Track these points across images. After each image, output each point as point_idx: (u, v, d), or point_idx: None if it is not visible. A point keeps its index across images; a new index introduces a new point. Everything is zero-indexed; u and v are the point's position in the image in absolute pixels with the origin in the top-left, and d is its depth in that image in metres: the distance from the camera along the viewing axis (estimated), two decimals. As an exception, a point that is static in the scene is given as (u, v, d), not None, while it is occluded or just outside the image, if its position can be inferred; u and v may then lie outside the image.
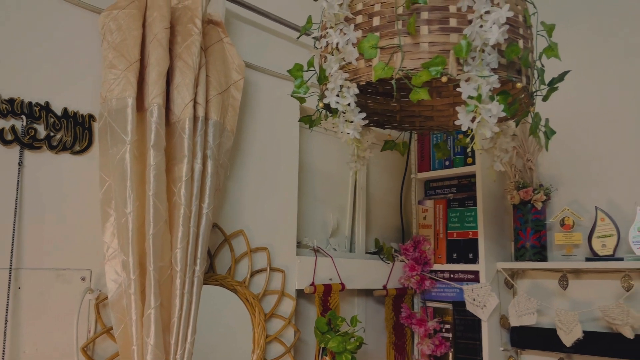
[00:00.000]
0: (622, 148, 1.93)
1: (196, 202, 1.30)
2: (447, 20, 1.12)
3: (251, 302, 1.55)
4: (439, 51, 1.10)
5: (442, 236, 2.18)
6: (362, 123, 1.20)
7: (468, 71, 1.09)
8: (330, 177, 2.08)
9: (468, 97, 1.08)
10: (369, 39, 1.14)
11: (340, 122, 1.22)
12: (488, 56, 1.12)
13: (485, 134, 1.10)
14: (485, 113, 1.08)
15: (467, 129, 1.11)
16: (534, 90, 1.24)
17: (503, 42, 1.11)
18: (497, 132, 1.40)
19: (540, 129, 1.27)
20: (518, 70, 1.18)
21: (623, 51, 1.98)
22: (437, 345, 2.03)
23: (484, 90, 1.07)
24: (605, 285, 1.89)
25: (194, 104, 1.33)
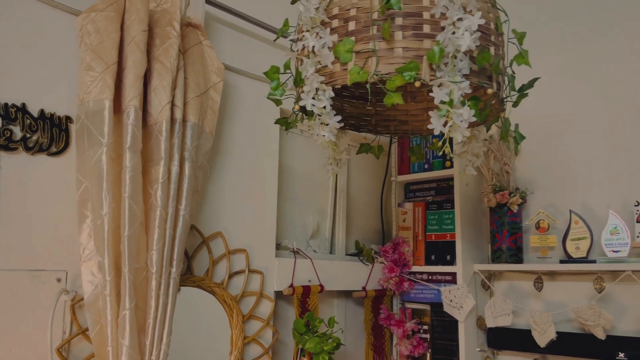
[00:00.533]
0: (595, 153, 1.98)
1: (173, 204, 1.31)
2: (421, 27, 1.14)
3: (229, 304, 1.56)
4: (413, 56, 1.12)
5: (420, 238, 2.20)
6: (337, 126, 1.22)
7: (440, 77, 1.12)
8: (310, 179, 2.10)
9: (440, 102, 1.11)
10: (345, 43, 1.16)
11: (316, 124, 1.24)
12: (460, 62, 1.14)
13: (457, 138, 1.13)
14: (456, 118, 1.11)
15: (440, 133, 1.14)
16: (504, 96, 1.27)
17: (475, 48, 1.13)
18: (469, 137, 1.43)
19: (511, 134, 1.30)
20: (489, 76, 1.21)
21: (593, 58, 2.03)
22: (415, 346, 2.06)
23: (455, 95, 1.10)
24: (579, 287, 1.92)
25: (172, 106, 1.34)
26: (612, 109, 1.96)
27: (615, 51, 1.98)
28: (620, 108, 1.94)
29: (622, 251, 1.78)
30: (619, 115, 1.94)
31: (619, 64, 1.97)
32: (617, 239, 1.79)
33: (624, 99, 1.94)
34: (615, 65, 1.98)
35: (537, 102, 2.14)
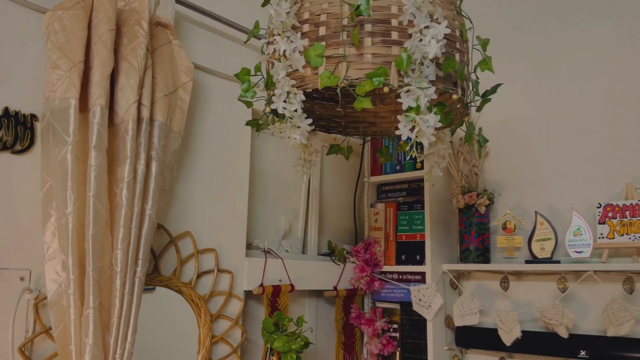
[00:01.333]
0: (561, 156, 2.03)
1: (138, 203, 1.31)
2: (389, 34, 1.17)
3: (197, 303, 1.57)
4: (382, 62, 1.15)
5: (391, 238, 2.23)
6: (309, 129, 1.24)
7: (408, 83, 1.14)
8: (283, 180, 2.11)
9: (408, 108, 1.13)
10: (315, 48, 1.17)
11: (287, 127, 1.26)
12: (427, 69, 1.17)
13: (424, 142, 1.16)
14: (423, 124, 1.13)
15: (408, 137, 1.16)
16: (468, 101, 1.30)
17: (441, 55, 1.16)
18: (435, 140, 1.46)
19: (475, 138, 1.32)
20: (454, 82, 1.24)
21: (558, 64, 2.08)
22: (384, 344, 2.08)
23: (422, 101, 1.12)
24: (544, 286, 1.97)
25: (139, 105, 1.34)
26: (576, 114, 2.02)
27: (578, 57, 2.04)
28: (584, 112, 2.00)
29: (584, 252, 1.83)
30: (583, 119, 2.00)
31: (583, 70, 2.02)
32: (580, 240, 1.84)
33: (587, 103, 1.99)
34: (579, 71, 2.03)
35: (505, 107, 2.19)
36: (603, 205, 1.82)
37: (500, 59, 2.23)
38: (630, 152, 1.88)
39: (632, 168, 1.86)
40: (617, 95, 1.93)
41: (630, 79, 1.91)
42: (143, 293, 1.53)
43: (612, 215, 1.79)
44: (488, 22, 2.27)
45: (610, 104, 1.94)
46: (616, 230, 1.77)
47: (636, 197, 1.78)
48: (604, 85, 1.97)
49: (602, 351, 1.76)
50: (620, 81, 1.93)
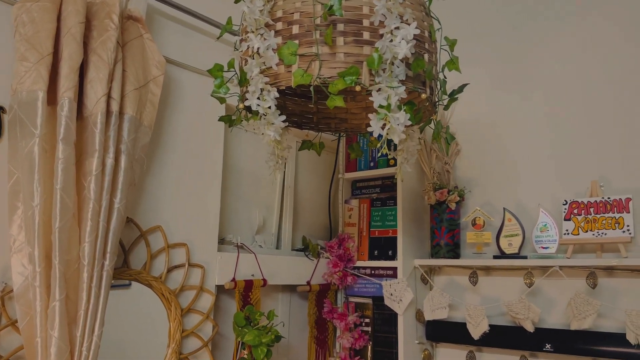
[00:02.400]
0: (529, 154, 2.07)
1: (107, 197, 1.31)
2: (361, 34, 1.19)
3: (167, 297, 1.57)
4: (354, 62, 1.17)
5: (365, 234, 2.26)
6: (282, 125, 1.25)
7: (379, 82, 1.17)
8: (257, 176, 2.12)
9: (379, 106, 1.16)
10: (289, 46, 1.19)
11: (261, 124, 1.27)
12: (397, 68, 1.20)
13: (394, 139, 1.18)
14: (394, 121, 1.16)
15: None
16: (436, 100, 1.33)
17: (410, 56, 1.19)
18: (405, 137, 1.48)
19: (442, 135, 1.35)
20: (423, 82, 1.27)
21: (525, 66, 2.12)
22: (356, 338, 2.11)
23: (392, 100, 1.15)
24: (511, 281, 2.01)
25: (108, 99, 1.34)
26: (545, 114, 2.06)
27: (546, 59, 2.08)
28: (552, 113, 2.04)
29: (550, 247, 1.87)
30: (551, 119, 2.04)
31: (551, 71, 2.07)
32: (547, 236, 1.89)
33: (556, 104, 2.04)
34: (547, 72, 2.07)
35: (476, 107, 2.23)
36: (569, 202, 1.86)
37: (471, 60, 2.27)
38: (595, 151, 1.93)
39: (597, 166, 1.91)
40: (584, 96, 1.98)
41: (597, 80, 1.96)
42: (118, 288, 1.54)
43: (577, 212, 1.84)
44: (457, 24, 2.32)
45: (577, 105, 1.99)
46: (581, 226, 1.82)
47: (600, 195, 1.83)
48: (571, 86, 2.01)
49: (566, 344, 1.80)
50: (587, 82, 1.98)
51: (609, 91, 1.93)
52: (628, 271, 1.80)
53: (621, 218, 1.75)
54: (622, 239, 1.74)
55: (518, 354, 1.95)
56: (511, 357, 1.98)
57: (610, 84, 1.93)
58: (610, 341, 1.74)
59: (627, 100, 1.89)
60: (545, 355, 1.91)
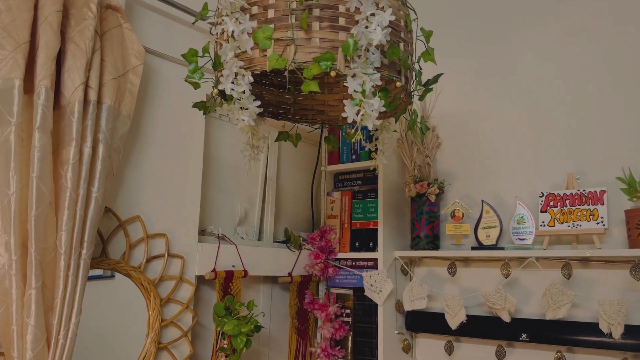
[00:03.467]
0: (507, 147, 2.10)
1: (84, 186, 1.31)
2: (337, 19, 1.20)
3: (146, 287, 1.58)
4: (329, 47, 1.18)
5: (346, 226, 2.27)
6: (257, 111, 1.26)
7: (354, 68, 1.18)
8: (239, 168, 2.12)
9: (354, 91, 1.17)
10: (264, 30, 1.19)
11: (235, 109, 1.27)
12: (372, 55, 1.21)
13: (369, 126, 1.19)
14: (368, 107, 1.17)
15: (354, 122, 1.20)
16: (411, 90, 1.34)
17: (385, 43, 1.20)
18: (381, 128, 1.50)
19: (417, 125, 1.37)
20: (398, 70, 1.28)
21: (505, 60, 2.15)
22: (337, 329, 2.13)
23: (367, 86, 1.16)
24: (489, 272, 2.05)
25: (85, 88, 1.34)
26: (523, 108, 2.09)
27: (526, 55, 2.11)
28: (531, 107, 2.07)
29: (527, 239, 1.91)
30: (529, 113, 2.07)
31: (530, 67, 2.09)
32: (523, 227, 1.92)
33: (534, 99, 2.07)
34: (526, 68, 2.10)
35: (457, 101, 2.26)
36: (545, 194, 1.89)
37: (452, 54, 2.29)
38: (571, 144, 1.96)
39: (574, 160, 1.95)
40: (562, 91, 2.01)
41: (575, 74, 1.99)
42: (102, 280, 1.55)
43: (553, 204, 1.87)
44: (437, 17, 2.34)
45: (555, 99, 2.02)
46: (557, 218, 1.85)
47: (576, 187, 1.86)
48: (549, 81, 2.04)
49: (541, 334, 1.84)
50: (565, 76, 2.01)
51: (587, 86, 1.96)
52: (602, 262, 1.83)
53: (596, 210, 1.79)
54: (597, 230, 1.77)
55: (495, 344, 1.98)
56: (488, 347, 2.01)
57: (587, 78, 1.96)
58: (584, 330, 1.77)
59: (603, 95, 1.92)
60: (521, 344, 1.95)
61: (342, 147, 2.36)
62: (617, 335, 1.64)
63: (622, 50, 1.91)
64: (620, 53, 1.91)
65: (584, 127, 1.95)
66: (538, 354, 1.91)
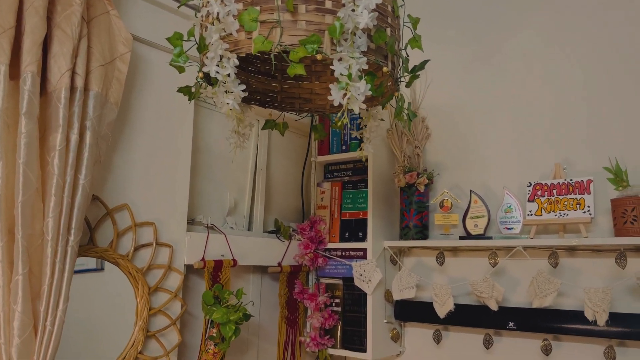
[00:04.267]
0: (496, 138, 2.12)
1: (71, 173, 1.31)
2: (323, 2, 1.19)
3: (134, 275, 1.58)
4: (315, 30, 1.17)
5: (336, 216, 2.28)
6: (241, 95, 1.25)
7: (341, 51, 1.18)
8: (229, 158, 2.12)
9: (340, 74, 1.17)
10: (250, 12, 1.18)
11: (220, 92, 1.27)
12: (359, 39, 1.21)
13: (355, 109, 1.19)
14: (354, 91, 1.17)
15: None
16: (398, 76, 1.35)
17: (372, 27, 1.20)
18: (368, 116, 1.51)
19: (404, 112, 1.38)
20: (385, 55, 1.28)
21: (495, 51, 2.16)
22: (326, 318, 2.14)
23: (354, 69, 1.16)
24: (477, 262, 2.06)
25: (72, 74, 1.33)
26: (512, 99, 2.10)
27: (514, 46, 2.12)
28: (519, 98, 2.08)
29: (514, 228, 1.92)
30: (517, 104, 2.08)
31: (518, 58, 2.10)
32: (511, 217, 1.93)
33: (522, 89, 2.08)
34: (515, 59, 2.11)
35: (447, 92, 2.27)
36: (533, 184, 1.91)
37: (442, 46, 2.30)
38: (559, 134, 1.97)
39: (561, 150, 1.96)
40: (548, 82, 2.02)
41: (562, 65, 2.00)
42: (91, 272, 1.54)
43: (540, 194, 1.89)
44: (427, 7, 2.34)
45: (543, 89, 2.03)
46: (544, 207, 1.87)
47: (563, 177, 1.88)
48: (536, 73, 2.06)
49: (528, 322, 1.86)
50: (553, 67, 2.02)
51: (574, 76, 1.98)
52: (588, 251, 1.85)
53: (582, 199, 1.81)
54: (583, 219, 1.79)
55: (482, 332, 2.00)
56: (476, 336, 2.03)
57: (575, 69, 1.98)
58: (570, 318, 1.80)
59: (591, 85, 1.94)
60: (508, 333, 1.97)
61: (332, 137, 2.37)
62: (601, 322, 1.67)
63: (608, 40, 1.92)
64: (607, 42, 1.92)
65: (571, 117, 1.96)
66: (525, 342, 1.93)
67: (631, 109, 1.85)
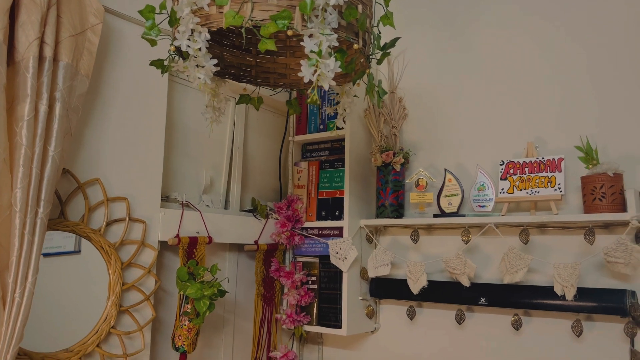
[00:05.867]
0: (471, 118, 2.13)
1: (40, 144, 1.29)
2: (294, -23, 1.19)
3: (106, 250, 1.57)
4: (286, 6, 1.17)
5: (313, 195, 2.29)
6: (213, 69, 1.25)
7: (311, 27, 1.17)
8: (205, 136, 2.11)
9: (310, 51, 1.17)
10: (221, -14, 1.17)
11: (191, 66, 1.26)
12: (329, 16, 1.21)
13: (324, 86, 1.20)
14: (324, 67, 1.17)
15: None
16: (370, 53, 1.35)
17: (343, 3, 1.20)
18: (341, 93, 1.51)
19: (375, 89, 1.38)
20: (356, 32, 1.28)
21: (467, 34, 2.17)
22: (302, 295, 2.15)
23: (324, 46, 1.16)
24: (450, 240, 2.09)
25: (41, 43, 1.31)
26: (485, 79, 2.12)
27: (487, 27, 2.13)
28: (493, 78, 2.10)
29: (487, 206, 1.95)
30: (491, 84, 2.10)
31: (491, 40, 2.12)
32: (484, 195, 1.96)
33: (496, 70, 2.10)
34: (488, 40, 2.13)
35: (423, 73, 2.28)
36: (505, 162, 1.93)
37: (418, 27, 2.31)
38: (532, 114, 2.00)
39: (534, 129, 1.99)
40: (521, 62, 2.04)
41: (535, 45, 2.02)
42: (68, 255, 1.53)
43: (513, 172, 1.91)
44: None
45: (516, 71, 2.05)
46: (516, 185, 1.90)
47: (535, 155, 1.91)
48: (509, 53, 2.07)
49: (499, 297, 1.90)
50: (526, 47, 2.04)
51: (546, 56, 2.00)
52: (559, 228, 1.89)
53: (553, 177, 1.84)
54: (554, 196, 1.82)
55: (455, 308, 2.04)
56: (448, 312, 2.07)
57: (547, 50, 2.00)
58: (540, 294, 1.83)
59: (562, 65, 1.96)
60: (480, 308, 2.01)
61: (309, 117, 2.36)
62: (570, 296, 1.70)
63: (580, 22, 1.94)
64: (579, 24, 1.94)
65: (544, 98, 1.98)
66: (496, 317, 1.97)
67: (603, 88, 1.87)
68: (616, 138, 1.83)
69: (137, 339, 1.65)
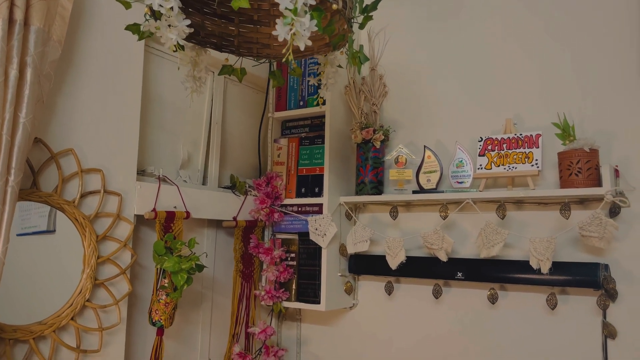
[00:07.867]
0: (450, 96, 2.14)
1: (10, 109, 1.25)
2: None
3: (81, 222, 1.54)
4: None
5: (293, 172, 2.28)
6: (186, 30, 1.21)
7: None
8: (182, 110, 2.07)
9: (285, 9, 1.14)
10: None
11: (163, 26, 1.22)
12: (307, -28, 1.18)
13: (300, 46, 1.17)
14: (299, 26, 1.15)
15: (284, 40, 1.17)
16: (351, 17, 1.33)
17: (321, -39, 1.17)
18: (325, 62, 1.49)
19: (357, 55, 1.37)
20: (335, -8, 1.25)
21: (447, 12, 2.17)
22: (281, 272, 2.15)
23: (299, 3, 1.13)
24: (429, 216, 2.10)
25: (11, 5, 1.26)
26: (465, 56, 2.12)
27: (467, 6, 2.13)
28: (473, 55, 2.10)
29: (465, 182, 1.96)
30: (470, 61, 2.11)
31: (471, 17, 2.12)
32: (462, 171, 1.97)
33: (476, 47, 2.10)
34: (467, 17, 2.13)
35: (403, 50, 2.27)
36: (484, 139, 1.94)
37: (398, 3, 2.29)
38: (511, 91, 2.01)
39: (512, 106, 2.00)
40: (501, 40, 2.05)
41: (515, 24, 2.03)
42: (42, 234, 1.50)
43: (491, 148, 1.92)
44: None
45: (495, 48, 2.06)
46: (493, 161, 1.91)
47: (514, 132, 1.92)
48: (490, 29, 2.08)
49: (475, 272, 1.92)
50: (504, 27, 2.05)
51: (525, 33, 2.00)
52: (535, 204, 1.91)
53: (531, 153, 1.85)
54: (531, 172, 1.84)
55: (432, 283, 2.06)
56: (425, 287, 2.09)
57: (527, 28, 2.00)
58: (516, 268, 1.86)
59: (542, 42, 1.97)
60: (457, 283, 2.03)
61: (289, 93, 2.34)
62: (545, 269, 1.73)
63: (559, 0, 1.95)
64: (557, 2, 1.95)
65: (522, 74, 2.00)
66: (473, 292, 2.00)
67: (581, 66, 1.89)
68: (592, 114, 1.85)
69: (113, 313, 1.63)
